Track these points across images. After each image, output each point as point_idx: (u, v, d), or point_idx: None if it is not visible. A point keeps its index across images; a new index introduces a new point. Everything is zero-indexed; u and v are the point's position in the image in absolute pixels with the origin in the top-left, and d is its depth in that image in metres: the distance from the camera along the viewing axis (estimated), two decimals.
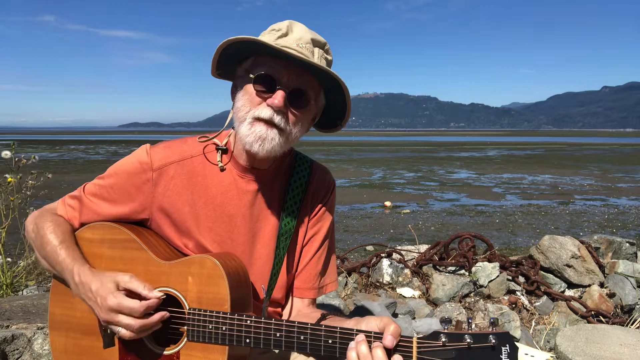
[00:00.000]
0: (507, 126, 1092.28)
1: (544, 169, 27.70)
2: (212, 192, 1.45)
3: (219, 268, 1.29)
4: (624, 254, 4.30)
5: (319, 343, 1.21)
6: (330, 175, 1.62)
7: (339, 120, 1.46)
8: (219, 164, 1.46)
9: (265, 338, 1.25)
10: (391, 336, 1.12)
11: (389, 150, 50.43)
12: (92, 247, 1.45)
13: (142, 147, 1.47)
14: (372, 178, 22.59)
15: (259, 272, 1.48)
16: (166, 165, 1.43)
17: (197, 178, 1.45)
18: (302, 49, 1.30)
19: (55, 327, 1.48)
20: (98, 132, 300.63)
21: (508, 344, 1.07)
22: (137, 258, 1.39)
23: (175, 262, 1.36)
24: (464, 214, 13.13)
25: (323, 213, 1.57)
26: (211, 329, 1.28)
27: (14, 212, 3.89)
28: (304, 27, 1.35)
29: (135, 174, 1.43)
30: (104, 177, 1.48)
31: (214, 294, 1.30)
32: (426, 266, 3.91)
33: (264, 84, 1.31)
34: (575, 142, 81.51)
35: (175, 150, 1.46)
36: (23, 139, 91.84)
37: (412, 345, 1.13)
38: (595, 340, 2.51)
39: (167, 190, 1.43)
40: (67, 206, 1.50)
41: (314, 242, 1.55)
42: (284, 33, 1.32)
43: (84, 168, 25.92)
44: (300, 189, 1.52)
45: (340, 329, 1.19)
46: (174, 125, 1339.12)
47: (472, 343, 1.07)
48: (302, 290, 1.55)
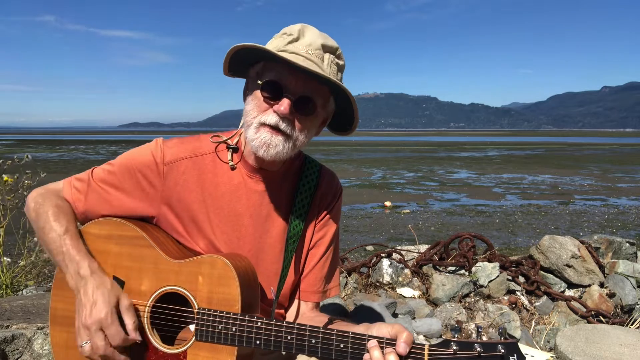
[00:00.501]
0: (507, 126, 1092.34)
1: (544, 169, 27.70)
2: (222, 190, 1.45)
3: (230, 269, 1.29)
4: (624, 254, 4.30)
5: (331, 347, 1.21)
6: (338, 180, 1.63)
7: (348, 125, 1.46)
8: (229, 162, 1.46)
9: (276, 340, 1.25)
10: (404, 343, 1.13)
11: (389, 150, 50.42)
12: (98, 242, 1.43)
13: (155, 140, 1.47)
14: (372, 178, 22.59)
15: (266, 274, 1.49)
16: (177, 161, 1.44)
17: (208, 175, 1.45)
18: (311, 55, 1.30)
19: (56, 322, 1.47)
20: (98, 132, 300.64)
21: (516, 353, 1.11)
22: (145, 256, 1.38)
23: (185, 262, 1.35)
24: (464, 214, 13.13)
25: (330, 217, 1.58)
26: (221, 329, 1.28)
27: (12, 211, 3.89)
28: (315, 32, 1.34)
29: (146, 165, 1.43)
30: (114, 163, 1.46)
31: (225, 295, 1.29)
32: (426, 266, 3.91)
33: (271, 90, 1.32)
34: (575, 142, 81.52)
35: (187, 146, 1.47)
36: (23, 139, 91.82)
37: (423, 353, 1.14)
38: (595, 340, 2.51)
39: (177, 185, 1.43)
40: (72, 188, 1.48)
41: (321, 245, 1.56)
42: (295, 38, 1.32)
43: (84, 168, 25.66)
44: (309, 192, 1.53)
45: (352, 334, 1.20)
46: (174, 125, 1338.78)
47: (482, 352, 1.11)
48: (307, 293, 1.56)
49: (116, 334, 1.26)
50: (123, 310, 1.30)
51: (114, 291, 1.31)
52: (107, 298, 1.29)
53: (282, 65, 1.29)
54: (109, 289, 1.31)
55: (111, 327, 1.26)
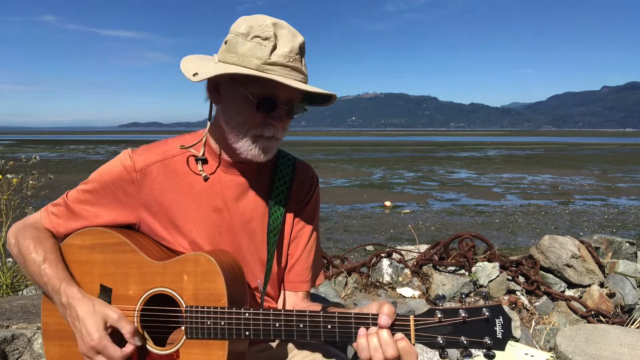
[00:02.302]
0: (507, 126, 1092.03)
1: (544, 169, 27.71)
2: (197, 188, 1.45)
3: (213, 264, 1.30)
4: (624, 253, 4.30)
5: (319, 329, 1.22)
6: (313, 171, 1.64)
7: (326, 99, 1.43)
8: (202, 173, 1.45)
9: (265, 329, 1.26)
10: (386, 315, 1.16)
11: (389, 150, 50.42)
12: (82, 253, 1.43)
13: (123, 151, 1.47)
14: (372, 178, 22.59)
15: (251, 266, 1.49)
16: (149, 166, 1.43)
17: (181, 175, 1.45)
18: (293, 63, 1.29)
19: (49, 337, 1.47)
20: (98, 132, 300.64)
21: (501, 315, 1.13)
22: (130, 261, 1.38)
23: (169, 262, 1.35)
24: (464, 214, 13.13)
25: (309, 207, 1.59)
26: (210, 324, 1.28)
27: (14, 211, 3.90)
28: (287, 31, 1.31)
29: (119, 176, 1.43)
30: (87, 182, 1.47)
31: (211, 290, 1.30)
32: (426, 266, 3.91)
33: (265, 105, 1.32)
34: (575, 142, 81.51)
35: (156, 150, 1.47)
36: (23, 139, 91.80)
37: (409, 324, 1.17)
38: (595, 340, 2.51)
39: (153, 189, 1.43)
40: (50, 214, 1.48)
41: (303, 235, 1.57)
42: (273, 46, 1.27)
43: (84, 168, 25.91)
44: (285, 184, 1.54)
45: (338, 314, 1.22)
46: (173, 125, 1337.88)
47: (467, 317, 1.13)
48: (295, 284, 1.56)
49: (114, 354, 1.27)
50: (115, 324, 1.29)
51: (99, 311, 1.31)
52: (94, 321, 1.28)
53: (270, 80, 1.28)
54: (93, 310, 1.30)
55: (107, 350, 1.27)
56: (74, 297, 1.33)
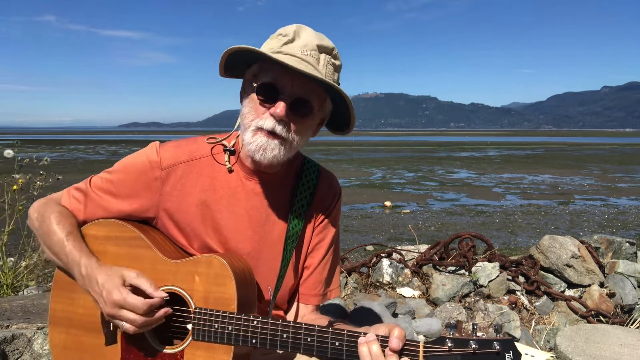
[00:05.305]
0: (507, 126, 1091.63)
1: (544, 169, 27.69)
2: (220, 193, 1.45)
3: (226, 268, 1.30)
4: (624, 253, 4.30)
5: (326, 345, 1.21)
6: (337, 182, 1.62)
7: (346, 125, 1.45)
8: (227, 164, 1.46)
9: (272, 339, 1.25)
10: (397, 339, 1.14)
11: (389, 150, 50.40)
12: (96, 244, 1.44)
13: (151, 144, 1.47)
14: (372, 178, 22.58)
15: (265, 274, 1.48)
16: (175, 165, 1.44)
17: (205, 179, 1.45)
18: (306, 56, 1.29)
19: (55, 323, 1.47)
20: (98, 132, 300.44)
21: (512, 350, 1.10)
22: (143, 256, 1.38)
23: (182, 261, 1.36)
24: (464, 214, 13.12)
25: (330, 219, 1.57)
26: (217, 328, 1.28)
27: (19, 213, 3.90)
28: (311, 32, 1.33)
29: (144, 171, 1.43)
30: (111, 171, 1.47)
31: (221, 294, 1.30)
32: (426, 266, 3.91)
33: (267, 93, 1.31)
34: (575, 142, 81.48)
35: (184, 150, 1.47)
36: (23, 138, 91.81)
37: (418, 350, 1.15)
38: (595, 340, 2.51)
39: (175, 189, 1.44)
40: (71, 197, 1.50)
41: (321, 248, 1.55)
42: (290, 39, 1.31)
43: (84, 168, 25.89)
44: (308, 193, 1.52)
45: (347, 331, 1.20)
46: (173, 125, 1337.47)
47: (477, 349, 1.10)
48: (307, 296, 1.55)
49: (137, 303, 1.26)
50: (133, 281, 1.30)
51: (117, 271, 1.32)
52: (113, 282, 1.30)
53: (277, 67, 1.28)
54: (111, 273, 1.32)
55: (128, 301, 1.26)
56: (93, 267, 1.35)
